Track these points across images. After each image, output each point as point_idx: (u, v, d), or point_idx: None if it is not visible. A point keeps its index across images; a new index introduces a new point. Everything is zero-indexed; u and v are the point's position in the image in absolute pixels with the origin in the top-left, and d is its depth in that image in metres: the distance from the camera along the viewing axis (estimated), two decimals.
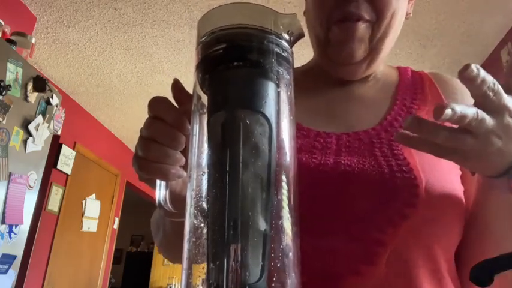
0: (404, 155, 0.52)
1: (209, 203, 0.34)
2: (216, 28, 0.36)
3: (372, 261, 0.47)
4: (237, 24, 0.36)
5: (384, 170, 0.50)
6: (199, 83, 0.38)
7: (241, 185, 0.32)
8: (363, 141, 0.55)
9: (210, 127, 0.36)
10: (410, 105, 0.60)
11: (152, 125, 0.42)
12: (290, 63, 0.37)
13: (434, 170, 0.51)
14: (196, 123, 0.38)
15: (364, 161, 0.52)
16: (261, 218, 0.32)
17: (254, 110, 0.34)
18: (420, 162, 0.51)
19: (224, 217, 0.31)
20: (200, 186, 0.35)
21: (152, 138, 0.42)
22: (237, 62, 0.35)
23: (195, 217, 0.35)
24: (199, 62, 0.37)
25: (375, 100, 0.62)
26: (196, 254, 0.34)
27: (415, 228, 0.48)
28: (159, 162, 0.41)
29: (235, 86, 0.35)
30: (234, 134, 0.34)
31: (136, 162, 0.43)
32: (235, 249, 0.30)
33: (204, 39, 0.37)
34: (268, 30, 0.36)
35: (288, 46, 0.37)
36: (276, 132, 0.34)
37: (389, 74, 0.67)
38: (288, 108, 0.37)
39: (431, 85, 0.63)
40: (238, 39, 0.35)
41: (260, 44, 0.35)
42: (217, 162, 0.34)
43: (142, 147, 0.42)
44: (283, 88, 0.36)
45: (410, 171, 0.50)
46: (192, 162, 0.37)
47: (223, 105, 0.36)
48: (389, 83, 0.65)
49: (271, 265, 0.32)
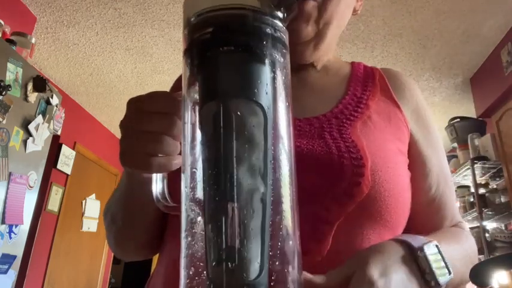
0: (352, 138, 0.54)
1: (204, 194, 0.32)
2: (204, 9, 0.34)
3: (319, 239, 0.49)
4: (227, 4, 0.33)
5: (332, 150, 0.52)
6: (189, 69, 0.35)
7: (236, 176, 0.31)
8: (313, 126, 0.57)
9: (201, 116, 0.34)
10: (361, 95, 0.63)
11: (146, 117, 0.41)
12: (285, 45, 0.35)
13: (380, 152, 0.54)
14: (188, 110, 0.36)
15: (314, 143, 0.54)
16: (259, 211, 0.31)
17: (247, 98, 0.32)
18: (367, 144, 0.54)
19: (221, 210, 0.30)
20: (195, 178, 0.34)
21: (147, 130, 0.41)
22: (227, 46, 0.33)
23: (191, 210, 0.33)
24: (187, 46, 0.35)
25: (327, 89, 0.64)
26: (193, 247, 0.32)
27: (361, 207, 0.50)
28: (158, 153, 0.40)
29: (226, 73, 0.33)
30: (226, 125, 0.32)
31: (132, 159, 0.41)
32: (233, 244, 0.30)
33: (191, 21, 0.34)
34: (260, 9, 0.33)
35: (282, 25, 0.35)
36: (271, 120, 0.33)
37: (342, 67, 0.70)
38: (284, 94, 0.35)
39: (381, 79, 0.66)
40: (228, 20, 0.33)
41: (252, 26, 0.33)
42: (211, 153, 0.32)
43: (137, 141, 0.41)
44: (278, 72, 0.34)
45: (357, 151, 0.52)
46: (186, 152, 0.35)
47: (215, 94, 0.33)
48: (341, 74, 0.68)
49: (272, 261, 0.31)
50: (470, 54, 3.02)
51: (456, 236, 0.59)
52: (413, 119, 0.63)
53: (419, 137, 0.62)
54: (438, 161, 0.63)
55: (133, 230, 0.58)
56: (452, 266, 0.46)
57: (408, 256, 0.44)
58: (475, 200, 2.99)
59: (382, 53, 3.02)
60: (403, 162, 0.58)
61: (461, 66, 3.17)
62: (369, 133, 0.56)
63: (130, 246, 0.62)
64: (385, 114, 0.60)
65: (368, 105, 0.60)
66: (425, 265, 0.43)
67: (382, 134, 0.57)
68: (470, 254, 0.57)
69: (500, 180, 2.94)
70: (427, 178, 0.61)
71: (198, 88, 0.35)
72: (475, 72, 3.25)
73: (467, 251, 0.57)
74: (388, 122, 0.60)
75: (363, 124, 0.57)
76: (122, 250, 0.64)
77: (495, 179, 3.02)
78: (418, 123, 0.63)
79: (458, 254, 0.53)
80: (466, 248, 0.57)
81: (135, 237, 0.59)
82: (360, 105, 0.60)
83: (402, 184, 0.55)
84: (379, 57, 3.06)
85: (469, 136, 3.07)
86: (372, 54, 3.03)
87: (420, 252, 0.44)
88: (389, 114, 0.61)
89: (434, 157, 0.62)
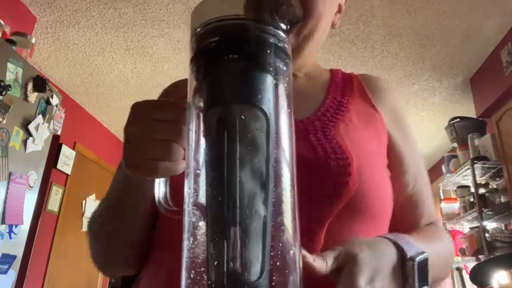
0: (336, 139, 0.57)
1: (207, 198, 0.33)
2: (210, 20, 0.35)
3: (311, 238, 0.51)
4: (232, 15, 0.35)
5: (318, 151, 0.55)
6: (194, 76, 0.37)
7: (239, 180, 0.32)
8: (298, 129, 0.59)
9: (206, 122, 0.35)
10: (341, 99, 0.66)
11: (154, 125, 0.42)
12: (287, 54, 0.37)
13: (363, 152, 0.57)
14: (193, 117, 0.37)
15: (299, 144, 0.56)
16: (260, 214, 0.32)
17: (251, 104, 0.33)
18: (350, 145, 0.57)
19: (223, 213, 0.31)
20: (198, 182, 0.35)
21: (153, 137, 0.42)
22: (232, 54, 0.34)
23: (193, 214, 0.34)
24: (194, 55, 0.36)
25: (308, 95, 0.67)
26: (195, 251, 0.33)
27: (350, 205, 0.52)
28: (165, 160, 0.41)
29: (231, 80, 0.34)
30: (230, 129, 0.33)
31: (138, 164, 0.43)
32: (235, 246, 0.30)
33: (198, 31, 0.36)
34: (264, 20, 0.35)
35: (285, 36, 0.37)
36: (274, 126, 0.34)
37: (322, 74, 0.73)
38: (286, 101, 0.36)
39: (359, 84, 0.70)
40: (233, 30, 0.34)
41: (256, 35, 0.34)
42: (214, 158, 0.33)
43: (144, 148, 0.42)
44: (281, 80, 0.36)
45: (343, 152, 0.55)
46: (190, 157, 0.36)
47: (219, 100, 0.35)
48: (321, 81, 0.71)
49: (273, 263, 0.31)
50: (470, 54, 3.02)
51: (436, 237, 0.62)
52: (391, 120, 0.66)
53: (396, 136, 0.65)
54: (414, 160, 0.66)
55: (121, 237, 0.59)
56: (432, 267, 0.48)
57: (397, 261, 0.46)
58: (475, 200, 2.99)
59: (382, 53, 3.02)
60: (382, 161, 0.62)
61: (461, 66, 3.17)
62: (350, 134, 0.60)
63: (117, 256, 0.63)
64: (364, 117, 0.64)
65: (348, 108, 0.64)
66: (410, 275, 0.45)
67: (362, 135, 0.61)
68: (447, 253, 0.63)
69: (500, 180, 2.94)
70: (404, 176, 0.64)
71: (203, 95, 0.36)
72: (475, 72, 3.25)
73: (445, 252, 0.62)
74: (368, 124, 0.63)
75: (345, 126, 0.60)
76: (106, 260, 0.64)
77: (495, 179, 3.02)
78: (395, 124, 0.67)
79: (438, 255, 0.56)
80: (445, 250, 0.62)
81: (122, 246, 0.60)
82: (341, 108, 0.63)
83: (383, 181, 0.59)
84: (379, 57, 3.05)
85: (469, 136, 3.07)
86: (372, 54, 3.02)
87: (410, 261, 0.45)
88: (368, 117, 0.64)
89: (411, 156, 0.66)
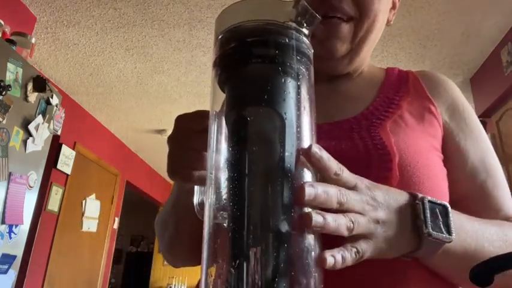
0: (380, 135, 0.55)
1: (229, 203, 0.33)
2: (233, 25, 0.36)
3: None
4: (254, 20, 0.35)
5: (359, 148, 0.54)
6: (217, 80, 0.37)
7: (260, 184, 0.32)
8: (342, 128, 0.59)
9: (229, 125, 0.35)
10: (393, 97, 0.63)
11: (191, 135, 0.45)
12: (309, 58, 0.37)
13: (409, 147, 0.54)
14: (215, 122, 0.38)
15: (341, 143, 0.55)
16: (282, 219, 0.31)
17: (273, 108, 0.33)
18: (396, 141, 0.54)
19: (244, 218, 0.31)
20: (220, 187, 0.35)
21: (191, 147, 0.45)
22: (255, 58, 0.34)
23: (215, 217, 0.34)
24: (216, 59, 0.37)
25: (359, 95, 0.66)
26: (216, 254, 0.33)
27: None
28: (200, 168, 0.45)
29: (253, 84, 0.35)
30: (252, 133, 0.33)
31: (177, 172, 0.47)
32: (256, 251, 0.30)
33: (221, 37, 0.37)
34: (286, 25, 0.35)
35: (307, 40, 0.37)
36: (296, 130, 0.34)
37: (376, 74, 0.71)
38: (308, 105, 0.36)
39: (415, 80, 0.67)
40: (256, 35, 0.35)
41: (278, 40, 0.35)
42: (236, 162, 0.33)
43: (182, 156, 0.46)
44: (303, 84, 0.36)
45: (384, 147, 0.53)
46: (211, 163, 0.36)
47: (242, 103, 0.35)
48: (374, 81, 0.69)
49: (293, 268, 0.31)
50: (470, 54, 3.02)
51: (499, 225, 0.53)
52: (449, 113, 0.63)
53: (454, 130, 0.62)
54: (478, 153, 0.61)
55: (180, 235, 0.63)
56: (475, 238, 0.47)
57: (408, 200, 0.43)
58: None
59: (382, 53, 3.02)
60: (436, 157, 0.58)
61: (461, 66, 3.17)
62: (399, 131, 0.57)
63: (178, 252, 0.67)
64: (417, 113, 0.61)
65: (400, 105, 0.61)
66: (420, 211, 0.42)
67: (413, 132, 0.58)
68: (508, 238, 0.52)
69: None
70: (464, 168, 0.60)
71: (225, 99, 0.37)
72: (475, 72, 3.25)
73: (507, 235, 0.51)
74: (421, 120, 0.60)
75: (394, 123, 0.58)
76: (172, 256, 0.69)
77: None
78: (454, 117, 0.63)
79: (490, 233, 0.50)
80: (506, 233, 0.52)
81: (182, 243, 0.64)
82: (392, 105, 0.61)
83: (431, 177, 0.53)
84: (379, 57, 3.05)
85: None
86: (372, 54, 3.01)
87: (419, 200, 0.43)
88: (422, 112, 0.61)
89: (473, 149, 0.61)
